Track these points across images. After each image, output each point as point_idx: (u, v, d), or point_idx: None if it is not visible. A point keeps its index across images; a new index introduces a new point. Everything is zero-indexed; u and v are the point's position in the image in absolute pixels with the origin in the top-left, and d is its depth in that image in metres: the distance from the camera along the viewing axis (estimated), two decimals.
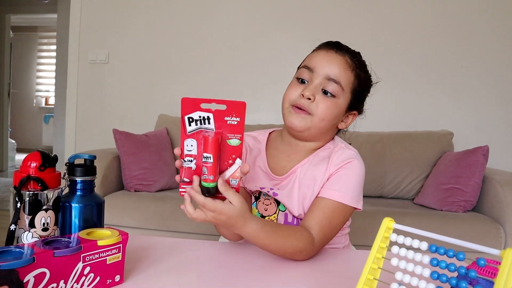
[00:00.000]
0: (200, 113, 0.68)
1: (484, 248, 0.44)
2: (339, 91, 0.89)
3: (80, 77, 3.15)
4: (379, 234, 0.54)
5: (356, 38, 2.88)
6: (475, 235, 1.90)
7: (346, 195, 0.87)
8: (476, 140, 2.58)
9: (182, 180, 0.71)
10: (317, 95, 0.88)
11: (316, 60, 0.91)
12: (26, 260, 0.52)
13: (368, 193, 2.43)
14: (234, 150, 0.70)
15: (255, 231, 0.75)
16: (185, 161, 0.70)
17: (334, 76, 0.88)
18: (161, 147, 2.45)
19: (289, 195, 0.92)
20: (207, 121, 0.68)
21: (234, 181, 0.71)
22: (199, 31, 2.99)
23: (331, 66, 0.89)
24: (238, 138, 0.69)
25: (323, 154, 0.94)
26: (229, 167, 0.71)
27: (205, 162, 0.67)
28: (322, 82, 0.89)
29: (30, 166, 0.65)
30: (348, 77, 0.90)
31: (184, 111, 0.68)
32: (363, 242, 1.38)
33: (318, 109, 0.88)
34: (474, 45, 2.73)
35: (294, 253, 0.80)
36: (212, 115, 0.68)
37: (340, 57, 0.90)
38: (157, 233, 2.04)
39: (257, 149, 1.00)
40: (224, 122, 0.68)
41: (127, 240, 0.64)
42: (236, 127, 0.69)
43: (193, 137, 0.69)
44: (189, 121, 0.68)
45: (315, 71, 0.89)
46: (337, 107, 0.90)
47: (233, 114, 0.68)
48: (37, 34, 7.65)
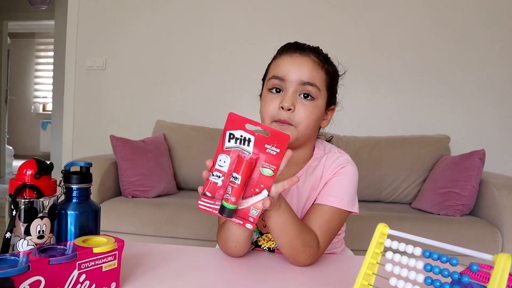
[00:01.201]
0: (242, 132, 0.67)
1: (477, 253, 0.45)
2: (316, 93, 0.87)
3: (77, 83, 3.15)
4: (373, 240, 0.54)
5: (353, 42, 2.91)
6: (472, 239, 1.90)
7: (342, 200, 0.87)
8: (472, 144, 2.59)
9: (204, 193, 0.70)
10: (297, 104, 0.86)
11: (284, 68, 0.88)
12: (21, 268, 0.52)
13: (366, 197, 2.44)
14: (265, 180, 0.69)
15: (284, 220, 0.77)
16: (213, 175, 0.69)
17: (308, 79, 0.86)
18: (159, 153, 2.45)
19: None
20: (247, 142, 0.67)
21: (254, 211, 0.69)
22: (197, 37, 3.00)
23: (301, 70, 0.86)
24: (273, 170, 0.68)
25: (316, 164, 0.94)
26: (254, 195, 0.69)
27: (232, 182, 0.67)
28: (297, 88, 0.86)
29: (26, 173, 0.65)
30: (320, 76, 0.88)
31: (227, 126, 0.68)
32: (360, 247, 1.38)
33: (300, 118, 0.86)
34: (471, 49, 2.75)
35: (304, 246, 0.79)
36: (253, 138, 0.67)
37: (306, 58, 0.88)
38: (154, 239, 2.04)
39: None
40: (263, 149, 0.68)
41: (122, 247, 0.64)
42: (274, 158, 0.68)
43: (228, 154, 0.68)
44: (229, 137, 0.68)
45: (286, 79, 0.87)
46: (318, 109, 0.89)
47: (275, 144, 0.67)
48: (34, 40, 7.66)
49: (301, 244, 0.79)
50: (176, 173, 2.57)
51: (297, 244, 0.79)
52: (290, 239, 0.79)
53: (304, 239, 0.79)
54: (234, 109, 0.99)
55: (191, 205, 2.11)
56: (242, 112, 0.71)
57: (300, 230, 0.79)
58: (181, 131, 2.66)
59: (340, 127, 2.67)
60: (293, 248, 0.80)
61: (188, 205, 2.11)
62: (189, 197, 2.34)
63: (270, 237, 0.93)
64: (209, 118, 2.87)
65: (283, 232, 0.78)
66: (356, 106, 2.78)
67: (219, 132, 2.66)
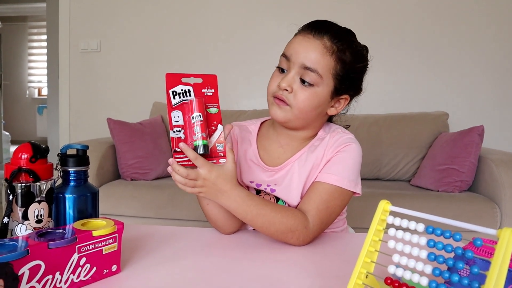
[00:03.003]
0: (182, 86, 0.75)
1: (480, 228, 0.44)
2: (317, 80, 0.84)
3: (72, 66, 3.11)
4: (375, 217, 0.54)
5: (350, 20, 2.84)
6: (471, 215, 1.91)
7: (344, 179, 0.85)
8: (471, 120, 2.58)
9: (174, 150, 0.73)
10: (295, 85, 0.85)
11: (293, 48, 0.86)
12: (20, 253, 0.51)
13: (365, 175, 2.44)
14: (215, 117, 0.77)
15: (242, 197, 0.77)
16: (174, 131, 0.73)
17: (310, 64, 0.83)
18: (156, 135, 2.44)
19: (287, 189, 0.90)
20: (188, 93, 0.75)
21: (220, 145, 0.77)
22: (192, 18, 2.95)
23: (307, 54, 0.84)
24: (216, 107, 0.77)
25: (318, 143, 0.92)
26: (213, 133, 0.76)
27: (196, 122, 0.73)
28: (299, 71, 0.85)
29: (21, 158, 0.64)
30: (327, 63, 0.84)
31: (168, 86, 0.74)
32: (360, 225, 1.39)
33: (296, 101, 0.85)
34: (468, 26, 2.71)
35: (286, 232, 0.79)
36: (191, 88, 0.75)
37: (317, 42, 0.84)
38: (154, 221, 2.05)
39: (248, 140, 0.98)
40: (202, 94, 0.76)
41: (122, 230, 0.64)
42: (212, 98, 0.77)
43: (178, 109, 0.74)
44: (173, 94, 0.74)
45: (291, 60, 0.85)
46: (317, 96, 0.85)
47: (208, 86, 0.77)
48: (27, 24, 7.52)
49: (282, 234, 0.79)
50: None
51: (277, 232, 0.79)
52: (265, 228, 0.79)
53: (282, 227, 0.78)
54: (229, 90, 0.98)
55: None
56: (240, 94, 0.71)
57: (272, 217, 0.78)
58: None
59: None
60: (274, 236, 0.80)
61: None
62: None
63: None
64: None
65: (253, 222, 0.79)
66: None
67: None
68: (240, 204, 0.77)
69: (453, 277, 0.44)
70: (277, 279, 0.65)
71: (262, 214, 0.78)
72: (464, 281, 0.44)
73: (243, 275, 0.67)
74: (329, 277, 0.66)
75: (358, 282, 0.53)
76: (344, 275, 0.61)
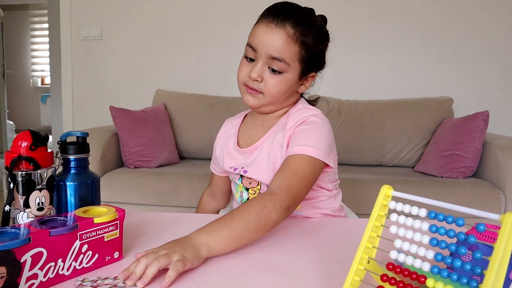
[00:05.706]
0: None
1: (483, 213, 0.44)
2: (285, 67, 0.88)
3: (74, 55, 3.10)
4: (377, 202, 0.53)
5: (353, 4, 2.83)
6: (476, 200, 1.91)
7: (308, 147, 0.84)
8: (476, 105, 2.56)
9: None
10: (264, 75, 0.89)
11: (257, 39, 0.88)
12: (22, 240, 0.51)
13: (368, 161, 2.43)
14: None
15: (216, 230, 0.69)
16: None
17: (277, 54, 0.86)
18: (159, 123, 2.43)
19: (258, 168, 0.93)
20: None
21: None
22: (195, 3, 2.92)
23: (272, 45, 0.86)
24: None
25: (285, 121, 0.94)
26: None
27: None
28: (266, 61, 0.88)
29: (21, 146, 0.64)
30: (292, 50, 0.87)
31: None
32: (363, 211, 1.38)
33: (267, 88, 0.89)
34: (473, 10, 2.67)
35: (261, 216, 0.72)
36: None
37: (280, 31, 0.86)
38: (158, 209, 2.06)
39: (232, 133, 1.04)
40: None
41: (124, 217, 0.64)
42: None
43: None
44: None
45: (257, 51, 0.88)
46: (286, 81, 0.89)
47: None
48: (28, 12, 7.49)
49: (264, 225, 0.73)
50: (178, 142, 2.56)
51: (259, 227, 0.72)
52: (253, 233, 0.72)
53: (254, 216, 0.72)
54: (234, 77, 0.97)
55: (193, 173, 2.11)
56: None
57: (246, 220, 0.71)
58: (181, 99, 2.63)
59: (342, 92, 2.64)
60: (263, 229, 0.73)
61: (190, 174, 2.11)
62: (192, 166, 2.34)
63: (256, 190, 0.96)
64: (209, 86, 2.84)
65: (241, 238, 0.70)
66: (358, 70, 2.73)
67: (219, 99, 2.63)
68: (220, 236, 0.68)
69: (455, 263, 0.44)
70: (279, 265, 0.65)
71: (240, 225, 0.70)
72: (467, 266, 0.43)
73: (245, 261, 0.67)
74: (331, 262, 0.66)
75: (360, 267, 0.53)
76: (346, 260, 0.61)
